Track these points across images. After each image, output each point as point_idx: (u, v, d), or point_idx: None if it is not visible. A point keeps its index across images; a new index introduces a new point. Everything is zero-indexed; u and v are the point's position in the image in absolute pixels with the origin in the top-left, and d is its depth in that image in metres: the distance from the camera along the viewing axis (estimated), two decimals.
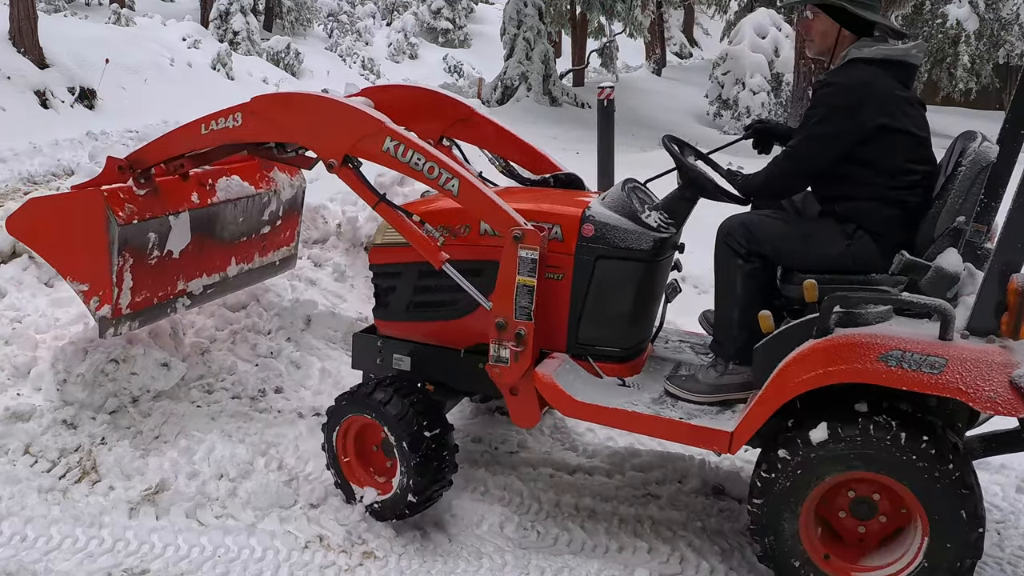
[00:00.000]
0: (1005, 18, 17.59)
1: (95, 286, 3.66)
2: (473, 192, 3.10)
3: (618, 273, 3.16)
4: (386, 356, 3.55)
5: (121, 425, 3.85)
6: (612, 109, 6.01)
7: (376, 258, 3.62)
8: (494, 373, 3.12)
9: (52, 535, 3.22)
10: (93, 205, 3.56)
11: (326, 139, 3.31)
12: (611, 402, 3.02)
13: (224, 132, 3.48)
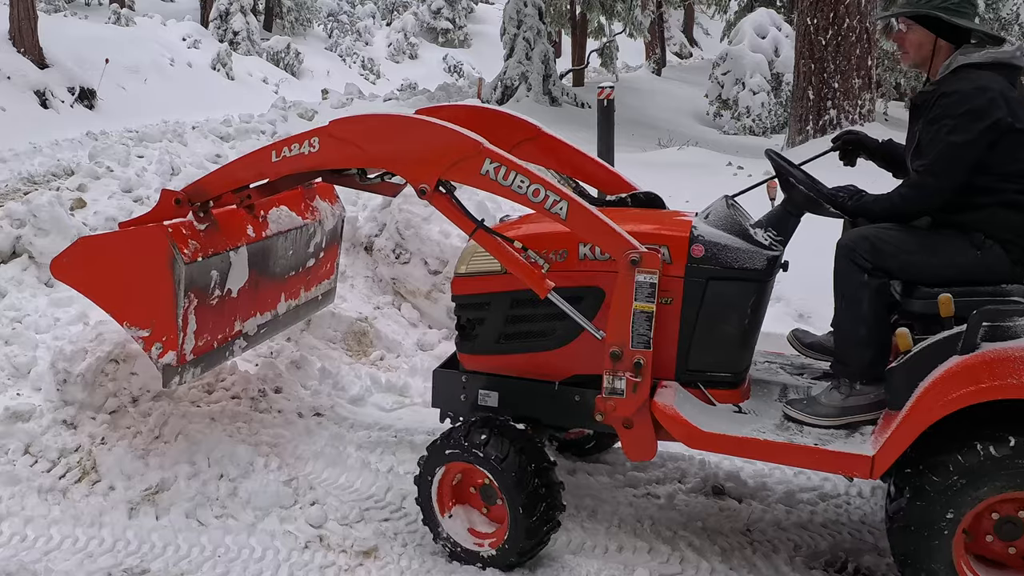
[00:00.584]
0: (1005, 18, 17.60)
1: (158, 331, 3.33)
2: (584, 215, 2.91)
3: (731, 294, 2.99)
4: (471, 392, 3.28)
5: (121, 425, 3.85)
6: (612, 109, 6.04)
7: (461, 288, 3.32)
8: (607, 406, 2.92)
9: (52, 535, 3.22)
10: (156, 243, 3.25)
11: (417, 163, 3.07)
12: (739, 431, 2.85)
13: (298, 159, 3.23)
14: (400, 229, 5.40)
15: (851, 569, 3.18)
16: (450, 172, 3.03)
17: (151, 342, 3.35)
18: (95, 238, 3.58)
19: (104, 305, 3.48)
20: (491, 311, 3.24)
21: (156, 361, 3.37)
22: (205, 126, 12.11)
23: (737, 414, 3.00)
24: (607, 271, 2.98)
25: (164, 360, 3.35)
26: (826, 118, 10.29)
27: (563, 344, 3.14)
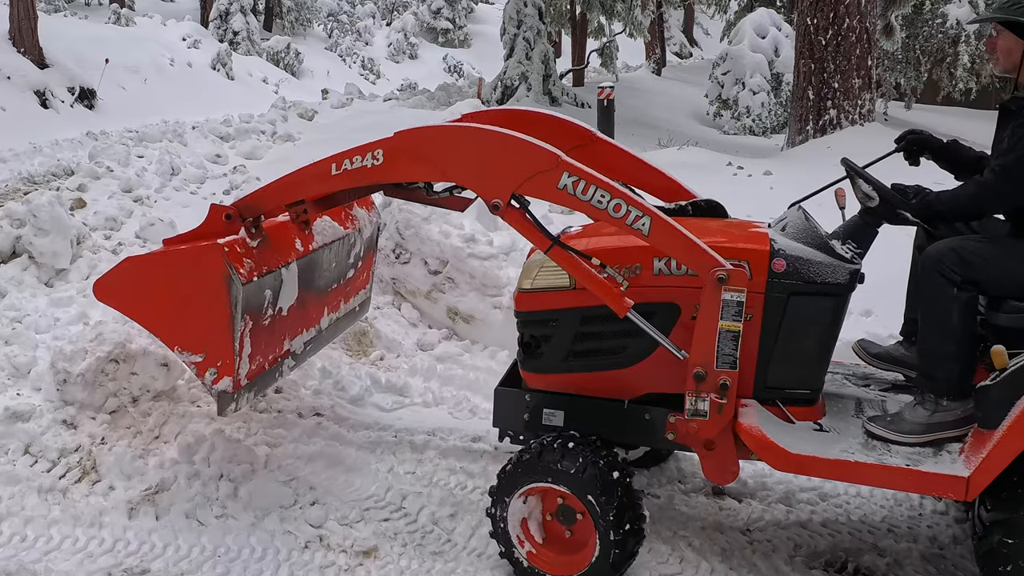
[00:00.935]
0: None
1: (212, 356, 3.14)
2: (668, 231, 2.79)
3: (813, 310, 2.90)
4: (535, 411, 3.17)
5: (121, 425, 3.85)
6: (612, 109, 6.05)
7: (526, 304, 3.21)
8: (689, 428, 2.84)
9: (52, 535, 3.22)
10: (211, 262, 3.05)
11: (491, 177, 2.92)
12: (827, 452, 2.76)
13: (361, 172, 3.06)
14: (400, 229, 5.40)
15: (851, 569, 3.18)
16: (525, 186, 2.90)
17: (204, 367, 3.15)
18: (143, 258, 3.31)
19: (152, 328, 3.28)
20: (559, 328, 3.13)
21: (210, 387, 3.18)
22: (205, 126, 12.12)
23: (819, 432, 2.91)
24: (684, 287, 2.92)
25: (219, 386, 3.16)
26: (826, 118, 10.28)
27: (635, 362, 3.05)
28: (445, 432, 4.04)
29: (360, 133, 10.82)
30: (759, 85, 18.30)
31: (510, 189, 2.90)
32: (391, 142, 3.03)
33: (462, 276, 5.21)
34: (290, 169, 3.25)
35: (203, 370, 3.15)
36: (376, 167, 3.05)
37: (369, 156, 3.04)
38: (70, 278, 5.61)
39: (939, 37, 17.98)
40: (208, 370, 3.15)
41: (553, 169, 2.83)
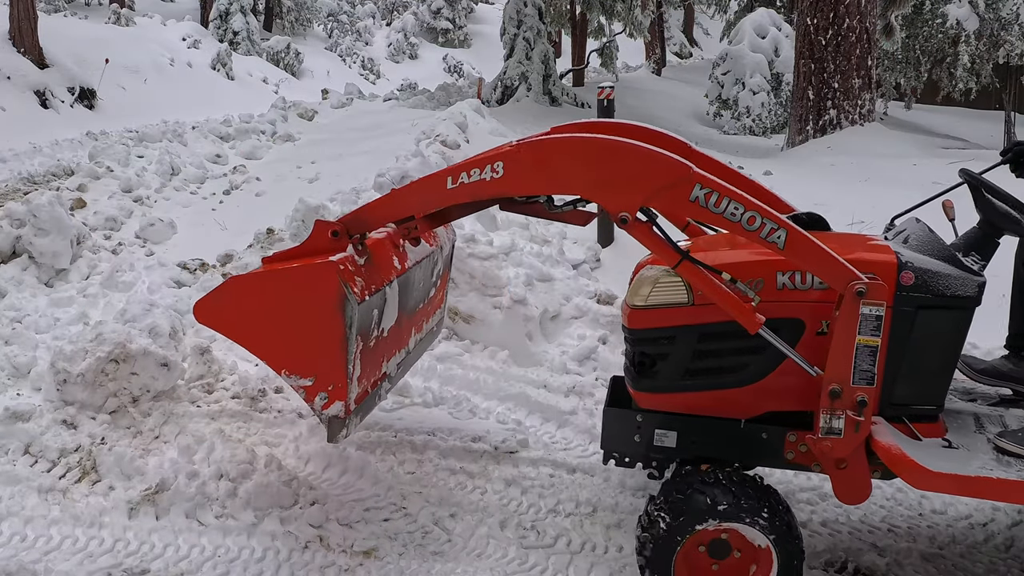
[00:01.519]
0: (1005, 18, 17.58)
1: (323, 379, 2.99)
2: (805, 244, 2.71)
3: (942, 323, 2.84)
4: (646, 432, 3.06)
5: (121, 425, 3.85)
6: (612, 109, 6.03)
7: (640, 321, 3.06)
8: (823, 446, 2.76)
9: (52, 535, 3.22)
10: (325, 282, 2.90)
11: (618, 190, 2.81)
12: (965, 469, 2.69)
13: (479, 185, 2.93)
14: None
15: (851, 569, 3.18)
16: (655, 199, 2.81)
17: (315, 392, 3.00)
18: (249, 278, 3.16)
19: (258, 352, 3.13)
20: (676, 346, 3.00)
21: (320, 412, 3.03)
22: (205, 126, 12.12)
23: (948, 449, 2.84)
24: (809, 302, 2.86)
25: (330, 411, 3.01)
26: (826, 118, 10.29)
27: (756, 380, 2.95)
28: (445, 432, 4.04)
29: (360, 133, 10.84)
30: (759, 85, 18.30)
31: (639, 202, 2.80)
32: (512, 154, 2.90)
33: (462, 276, 5.21)
34: (290, 168, 3.23)
35: (313, 395, 3.01)
36: (495, 180, 2.91)
37: (488, 169, 2.90)
38: (70, 278, 5.61)
39: (939, 37, 17.99)
40: (318, 394, 3.00)
41: (685, 181, 2.73)
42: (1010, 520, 3.52)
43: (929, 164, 7.85)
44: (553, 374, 4.76)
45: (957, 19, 17.50)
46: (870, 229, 5.80)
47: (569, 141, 2.91)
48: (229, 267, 5.70)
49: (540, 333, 5.08)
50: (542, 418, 4.29)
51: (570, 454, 3.98)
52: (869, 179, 7.19)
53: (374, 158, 7.80)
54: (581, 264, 5.76)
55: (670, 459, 3.08)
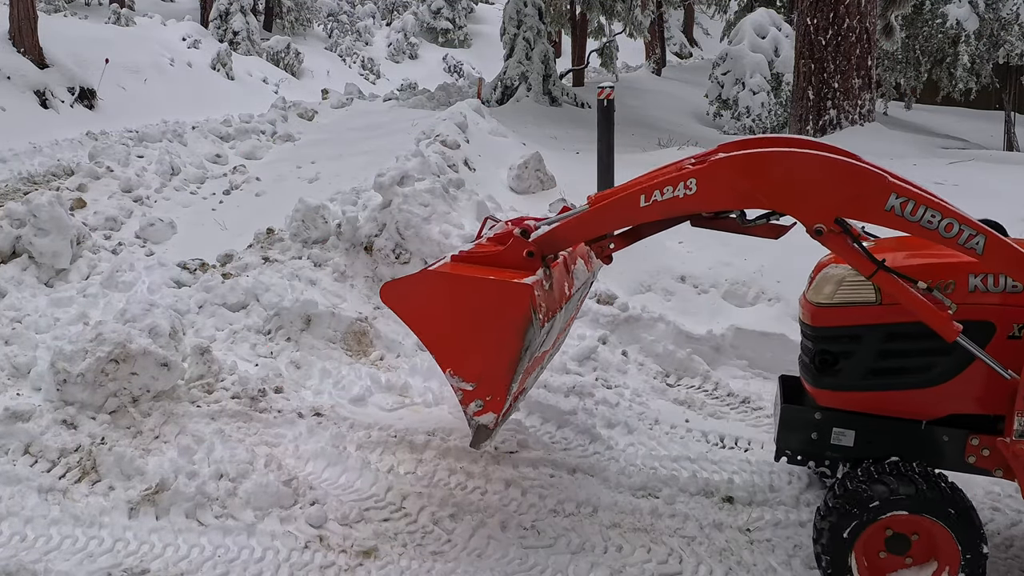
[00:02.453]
0: (1005, 18, 17.58)
1: (484, 388, 3.05)
2: (1004, 248, 2.71)
3: None
4: (823, 430, 3.08)
5: (121, 425, 3.85)
6: (612, 109, 6.04)
7: (825, 319, 3.08)
8: (1017, 450, 2.77)
9: (52, 535, 3.22)
10: (516, 301, 2.93)
11: (813, 201, 2.83)
12: None
13: (672, 203, 2.95)
14: (400, 229, 5.41)
15: None
16: (849, 209, 2.81)
17: (472, 397, 3.07)
18: (443, 276, 3.13)
19: (430, 345, 3.19)
20: (861, 345, 3.02)
21: (471, 419, 3.11)
22: (205, 126, 12.11)
23: None
24: (1002, 304, 2.86)
25: (482, 420, 3.09)
26: (826, 118, 10.28)
27: (942, 381, 2.94)
28: (445, 432, 4.04)
29: (360, 133, 10.84)
30: (759, 85, 18.28)
31: (834, 213, 2.81)
32: (705, 171, 2.92)
33: None
34: (290, 168, 3.23)
35: (469, 399, 3.07)
36: (689, 197, 2.93)
37: (681, 186, 2.93)
38: (70, 278, 5.61)
39: (939, 37, 17.98)
40: (475, 401, 3.07)
41: (880, 191, 2.74)
42: (1010, 520, 3.52)
43: (929, 164, 7.85)
44: (553, 374, 4.75)
45: (957, 19, 17.49)
46: (870, 229, 5.79)
47: (760, 156, 2.91)
48: (229, 267, 5.71)
49: None
50: (542, 418, 4.29)
51: (570, 454, 3.98)
52: None
53: (374, 158, 7.80)
54: None
55: (846, 458, 3.08)
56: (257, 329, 4.92)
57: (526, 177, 6.94)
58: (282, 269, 5.53)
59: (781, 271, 5.41)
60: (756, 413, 4.48)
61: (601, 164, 5.97)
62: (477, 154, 7.39)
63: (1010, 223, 5.59)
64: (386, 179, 5.70)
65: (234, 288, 5.17)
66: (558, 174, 7.11)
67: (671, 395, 4.70)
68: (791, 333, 4.70)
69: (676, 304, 5.43)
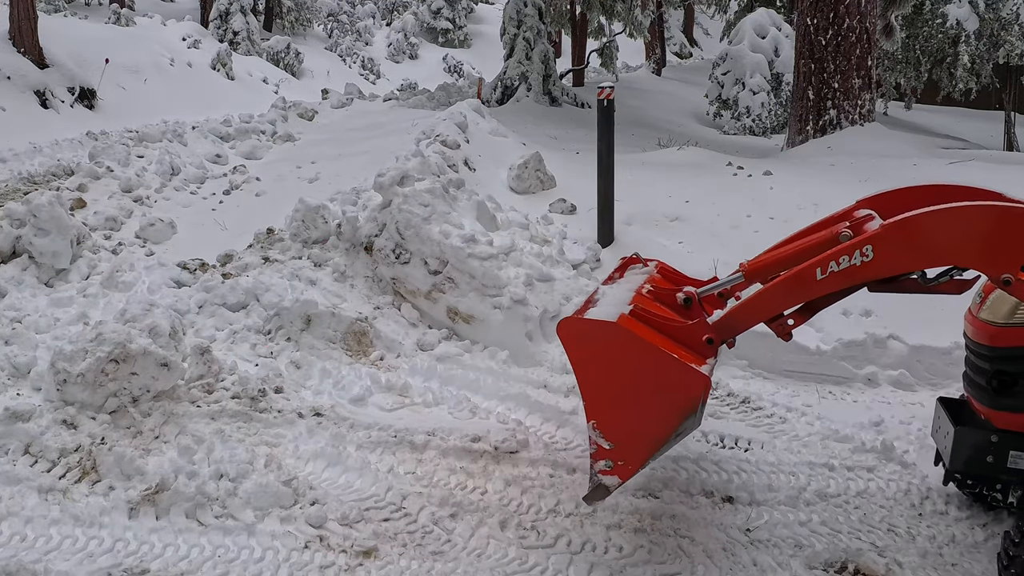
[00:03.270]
0: (1005, 18, 17.57)
1: (621, 452, 2.99)
2: None
3: None
4: (1000, 453, 3.01)
5: (121, 425, 3.85)
6: (612, 109, 6.03)
7: (1006, 340, 3.02)
8: None
9: (52, 535, 3.22)
10: (688, 387, 2.87)
11: (997, 253, 2.79)
12: None
13: (850, 272, 2.91)
14: (400, 229, 5.41)
15: (851, 569, 3.18)
16: None
17: (605, 456, 3.01)
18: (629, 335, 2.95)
19: (586, 392, 3.08)
20: None
21: (595, 474, 3.05)
22: (205, 126, 12.10)
23: None
24: None
25: (605, 480, 3.04)
26: (826, 118, 10.28)
27: None
28: (445, 432, 4.04)
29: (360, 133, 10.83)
30: (759, 85, 18.29)
31: (1020, 262, 2.78)
32: (880, 236, 2.88)
33: (462, 276, 5.21)
34: (290, 168, 3.23)
35: (601, 456, 3.02)
36: (867, 264, 2.90)
37: (857, 254, 2.89)
38: (70, 278, 5.61)
39: (939, 37, 17.98)
40: (606, 460, 3.01)
41: None
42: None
43: (929, 164, 7.84)
44: (553, 374, 4.76)
45: (957, 19, 17.49)
46: None
47: (936, 215, 2.86)
48: (229, 267, 5.71)
49: (540, 333, 5.08)
50: (542, 418, 4.29)
51: (570, 454, 3.98)
52: (869, 179, 7.18)
53: (374, 158, 7.79)
54: (581, 264, 5.76)
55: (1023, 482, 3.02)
56: (257, 329, 4.92)
57: (526, 177, 6.94)
58: (282, 269, 5.53)
59: None
60: (756, 413, 4.48)
61: (601, 164, 5.97)
62: (477, 154, 7.39)
63: None
64: (386, 179, 5.69)
65: (234, 288, 5.17)
66: (558, 174, 7.12)
67: None
68: None
69: None
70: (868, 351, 4.89)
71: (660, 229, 6.20)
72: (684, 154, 8.60)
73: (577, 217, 6.46)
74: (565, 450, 4.02)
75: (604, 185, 5.99)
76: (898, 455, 3.94)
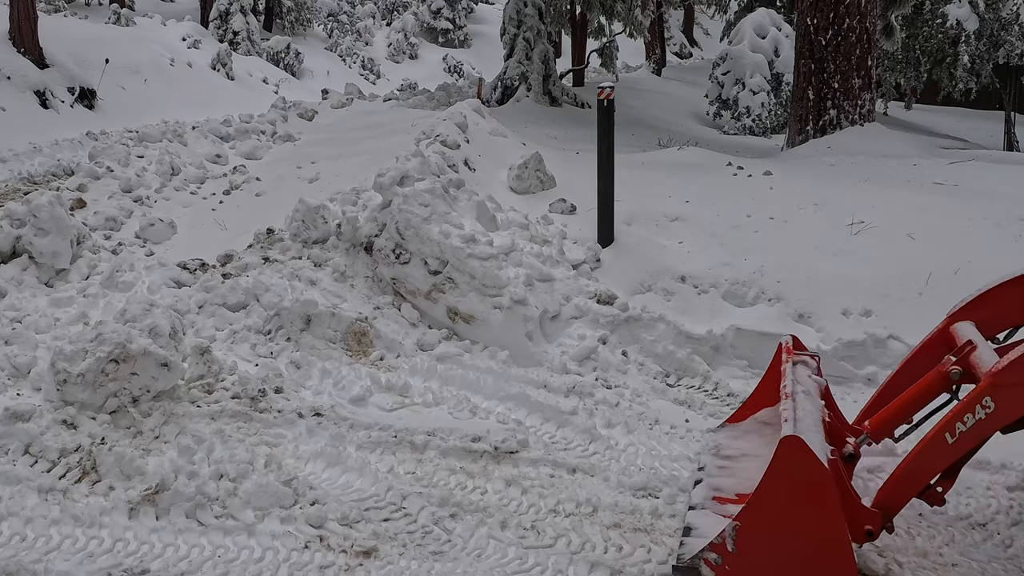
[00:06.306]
0: (1005, 18, 17.57)
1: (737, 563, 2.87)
2: None
3: None
4: None
5: (121, 425, 3.85)
6: (612, 109, 6.02)
7: None
8: None
9: (52, 535, 3.22)
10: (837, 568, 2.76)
11: None
12: None
13: (977, 427, 2.85)
14: (400, 229, 5.41)
15: None
16: None
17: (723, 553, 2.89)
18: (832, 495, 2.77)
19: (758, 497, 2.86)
20: None
21: (699, 556, 2.94)
22: (205, 126, 12.09)
23: None
24: None
25: (704, 570, 2.92)
26: (826, 118, 10.27)
27: None
28: (445, 432, 4.04)
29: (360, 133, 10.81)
30: (759, 85, 18.28)
31: None
32: (993, 383, 2.83)
33: (462, 276, 5.21)
34: (290, 168, 3.23)
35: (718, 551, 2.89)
36: (991, 415, 2.84)
37: (978, 409, 2.84)
38: (70, 278, 5.61)
39: (939, 37, 17.98)
40: (719, 556, 2.89)
41: None
42: (1010, 520, 3.52)
43: (929, 164, 7.84)
44: (553, 374, 4.76)
45: (957, 19, 17.49)
46: (870, 229, 5.80)
47: None
48: (229, 267, 5.71)
49: (540, 333, 5.08)
50: (542, 418, 4.29)
51: (570, 454, 3.98)
52: (869, 179, 7.18)
53: (374, 158, 7.79)
54: (581, 264, 5.76)
55: None
56: (257, 329, 4.92)
57: (526, 177, 6.94)
58: (282, 269, 5.53)
59: (781, 271, 5.42)
60: None
61: (601, 164, 5.97)
62: (477, 154, 7.39)
63: (1010, 223, 5.61)
64: (386, 179, 5.69)
65: (234, 288, 5.17)
66: (558, 174, 7.11)
67: (671, 395, 4.70)
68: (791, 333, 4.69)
69: (676, 304, 5.43)
70: (868, 351, 4.89)
71: (660, 229, 6.20)
72: (684, 154, 8.59)
73: (577, 217, 6.46)
74: (565, 450, 4.02)
75: (604, 185, 5.99)
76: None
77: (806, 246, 5.67)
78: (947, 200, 6.35)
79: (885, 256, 5.50)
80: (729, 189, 6.91)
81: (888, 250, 5.58)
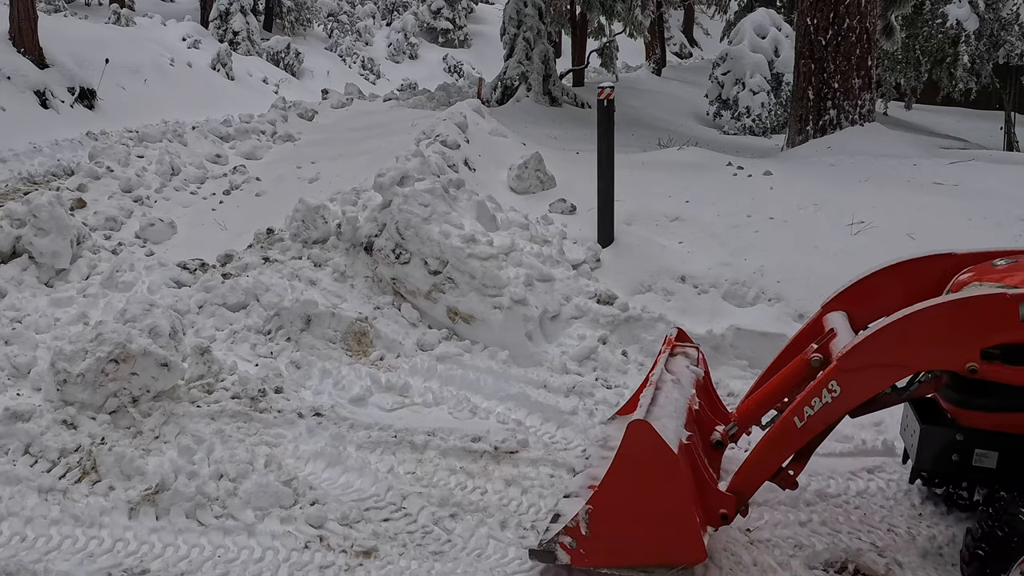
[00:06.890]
0: (1005, 18, 17.57)
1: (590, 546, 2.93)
2: None
3: None
4: (964, 452, 3.00)
5: (121, 425, 3.85)
6: (612, 109, 6.02)
7: None
8: None
9: (52, 535, 3.22)
10: (687, 553, 2.87)
11: (954, 348, 2.81)
12: None
13: (824, 411, 2.90)
14: (400, 229, 5.40)
15: (851, 569, 3.18)
16: (990, 338, 2.77)
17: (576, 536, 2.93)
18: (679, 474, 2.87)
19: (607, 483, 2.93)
20: None
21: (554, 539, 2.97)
22: (205, 126, 12.09)
23: None
24: None
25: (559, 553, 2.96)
26: (826, 118, 10.27)
27: None
28: (445, 432, 4.04)
29: (360, 133, 10.82)
30: (759, 85, 18.28)
31: (975, 348, 2.79)
32: (838, 369, 2.87)
33: (462, 276, 5.21)
34: (290, 168, 3.23)
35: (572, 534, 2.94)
36: (838, 399, 2.88)
37: (824, 393, 2.88)
38: (70, 278, 5.61)
39: (939, 37, 17.98)
40: (573, 539, 2.94)
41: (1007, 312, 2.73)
42: None
43: (929, 164, 7.84)
44: (553, 374, 4.76)
45: (957, 19, 17.49)
46: (870, 229, 5.80)
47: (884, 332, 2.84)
48: (229, 267, 5.71)
49: (540, 333, 5.08)
50: (542, 418, 4.29)
51: (570, 454, 3.98)
52: (869, 179, 7.18)
53: (374, 158, 7.78)
54: (581, 264, 5.76)
55: (988, 481, 3.01)
56: (257, 329, 4.92)
57: (526, 177, 6.94)
58: (282, 269, 5.53)
59: (781, 271, 5.42)
60: None
61: (601, 164, 5.97)
62: (477, 154, 7.39)
63: (1010, 223, 5.60)
64: (386, 179, 5.69)
65: (234, 288, 5.17)
66: (558, 174, 7.11)
67: None
68: (791, 333, 4.69)
69: (676, 304, 5.43)
70: None
71: (660, 229, 6.20)
72: (684, 154, 8.59)
73: (577, 217, 6.46)
74: (565, 450, 4.02)
75: (604, 185, 5.99)
76: (899, 455, 3.94)
77: (806, 246, 5.67)
78: (947, 200, 6.35)
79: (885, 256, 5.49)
80: (729, 189, 6.91)
81: (888, 250, 5.57)
